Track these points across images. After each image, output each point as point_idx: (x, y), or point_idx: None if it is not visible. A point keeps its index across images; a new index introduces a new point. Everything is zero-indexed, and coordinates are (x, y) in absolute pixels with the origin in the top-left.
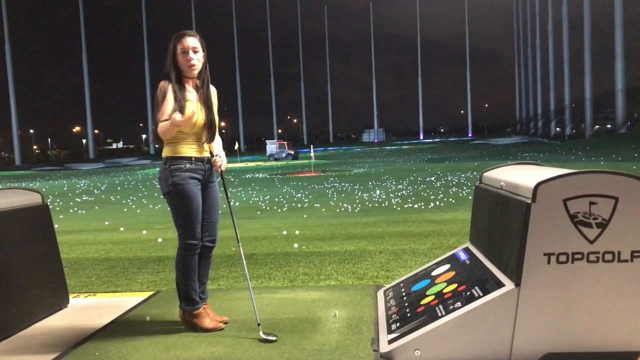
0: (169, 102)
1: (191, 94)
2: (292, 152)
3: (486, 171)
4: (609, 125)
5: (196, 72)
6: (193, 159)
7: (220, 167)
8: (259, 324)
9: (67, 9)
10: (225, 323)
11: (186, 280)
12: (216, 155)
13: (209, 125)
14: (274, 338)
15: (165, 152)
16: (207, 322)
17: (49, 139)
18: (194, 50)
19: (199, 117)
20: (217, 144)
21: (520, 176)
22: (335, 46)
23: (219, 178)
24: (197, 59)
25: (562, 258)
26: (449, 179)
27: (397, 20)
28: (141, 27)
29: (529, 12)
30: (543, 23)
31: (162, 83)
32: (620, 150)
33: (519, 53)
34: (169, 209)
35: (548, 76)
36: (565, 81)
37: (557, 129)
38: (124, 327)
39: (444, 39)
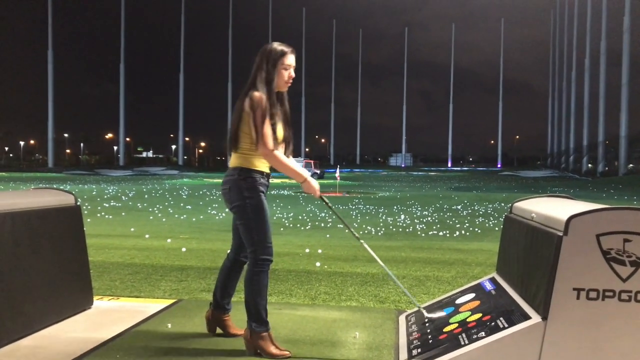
0: (269, 125)
1: (275, 109)
2: (318, 172)
3: (517, 202)
4: None
5: (286, 88)
6: (264, 173)
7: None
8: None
9: (108, 19)
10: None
11: (258, 299)
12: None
13: (288, 141)
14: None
15: (239, 162)
16: (273, 348)
17: (81, 144)
18: (294, 68)
19: (283, 133)
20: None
21: (553, 208)
22: (368, 69)
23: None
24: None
25: (593, 294)
26: (476, 208)
27: (431, 47)
28: (179, 40)
29: (566, 45)
30: (580, 57)
31: (260, 95)
32: None
33: (553, 86)
34: (239, 222)
35: (582, 111)
36: (600, 117)
37: (589, 165)
38: (145, 332)
39: (478, 68)
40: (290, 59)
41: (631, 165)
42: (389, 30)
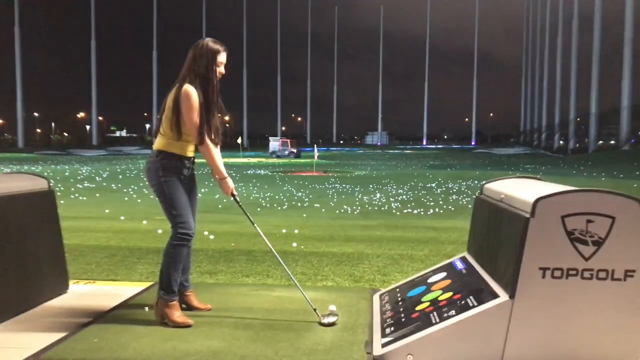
0: (200, 117)
1: (209, 102)
2: (295, 151)
3: (487, 183)
4: (612, 142)
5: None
6: (184, 157)
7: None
8: (315, 309)
9: None
10: (209, 310)
11: (172, 271)
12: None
13: (218, 131)
14: (334, 319)
15: (161, 146)
16: (177, 316)
17: (52, 123)
18: (224, 65)
19: (214, 125)
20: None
21: (521, 190)
22: (344, 47)
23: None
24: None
25: (557, 273)
26: (450, 186)
27: (406, 26)
28: (151, 16)
29: (539, 24)
30: (552, 35)
31: (192, 90)
32: (622, 167)
33: (526, 64)
34: (158, 201)
35: (554, 89)
36: (572, 95)
37: (561, 142)
38: (122, 315)
39: (453, 47)
40: (222, 57)
41: (601, 142)
42: (364, 8)
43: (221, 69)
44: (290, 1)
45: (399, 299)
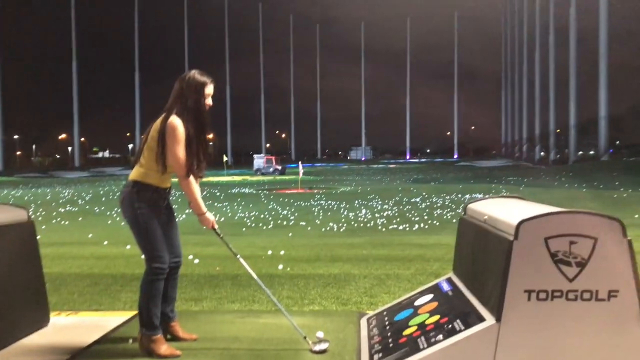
0: (184, 151)
1: (199, 134)
2: (280, 168)
3: (470, 203)
4: (592, 152)
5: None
6: (161, 188)
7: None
8: (305, 337)
9: (58, 14)
10: (195, 340)
11: (150, 305)
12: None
13: (203, 166)
14: (325, 345)
15: (136, 176)
16: (164, 349)
17: (33, 145)
18: (211, 97)
19: (200, 159)
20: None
21: (504, 212)
22: (326, 63)
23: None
24: None
25: (542, 295)
26: (434, 200)
27: (387, 41)
28: (133, 37)
29: (517, 38)
30: (530, 49)
31: (178, 123)
32: (602, 178)
33: (506, 78)
34: (132, 232)
35: (534, 101)
36: (551, 107)
37: (542, 153)
38: (105, 349)
39: (433, 62)
40: (210, 89)
41: (580, 152)
42: (345, 24)
43: (208, 101)
44: (272, 18)
45: (387, 323)
